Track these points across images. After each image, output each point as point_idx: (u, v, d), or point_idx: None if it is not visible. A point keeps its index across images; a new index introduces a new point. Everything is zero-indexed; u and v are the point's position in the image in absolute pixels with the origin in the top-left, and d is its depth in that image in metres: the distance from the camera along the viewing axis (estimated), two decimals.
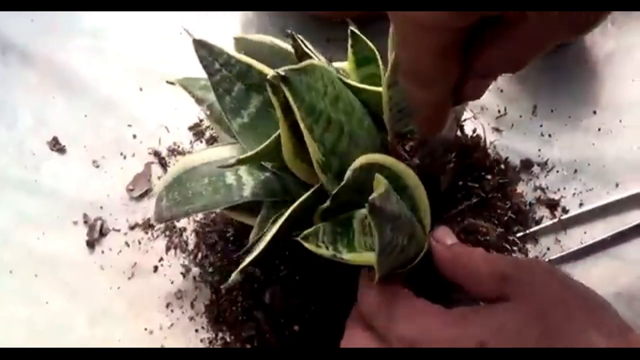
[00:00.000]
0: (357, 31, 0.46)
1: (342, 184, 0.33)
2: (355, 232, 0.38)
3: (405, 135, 0.51)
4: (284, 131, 0.37)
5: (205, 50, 0.45)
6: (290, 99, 0.34)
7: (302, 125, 0.36)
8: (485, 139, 0.54)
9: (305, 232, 0.35)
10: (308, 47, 0.42)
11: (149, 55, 0.63)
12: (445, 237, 0.43)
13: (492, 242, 0.49)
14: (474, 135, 0.54)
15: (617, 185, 0.56)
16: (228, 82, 0.43)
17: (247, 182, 0.45)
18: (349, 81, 0.44)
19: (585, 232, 0.55)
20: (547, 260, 0.54)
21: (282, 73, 0.33)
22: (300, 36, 0.42)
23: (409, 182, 0.39)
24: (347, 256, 0.36)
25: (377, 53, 0.45)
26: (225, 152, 0.50)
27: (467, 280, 0.38)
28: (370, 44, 0.45)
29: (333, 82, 0.40)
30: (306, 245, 0.36)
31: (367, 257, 0.36)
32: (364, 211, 0.36)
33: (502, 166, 0.56)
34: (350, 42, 0.46)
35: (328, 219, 0.38)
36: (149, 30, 0.65)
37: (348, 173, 0.34)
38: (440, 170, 0.48)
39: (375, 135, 0.46)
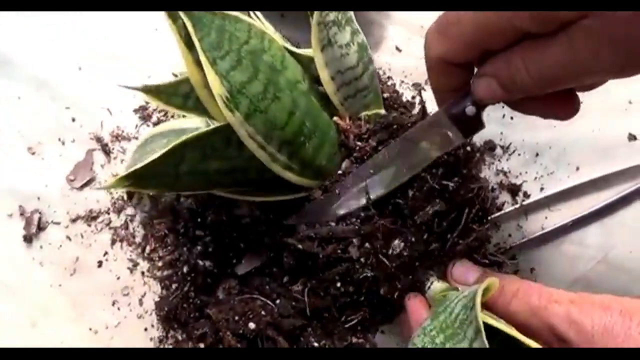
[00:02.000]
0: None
1: None
2: None
3: (359, 119, 0.49)
4: (188, 62, 0.39)
5: None
6: (191, 29, 0.37)
7: (202, 57, 0.37)
8: None
9: None
10: (259, 17, 0.46)
11: (87, 31, 0.58)
12: (466, 275, 0.43)
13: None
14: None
15: (577, 168, 0.55)
16: None
17: None
18: (291, 47, 0.46)
19: (546, 217, 0.54)
20: (508, 247, 0.53)
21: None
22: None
23: None
24: None
25: None
26: (193, 123, 0.50)
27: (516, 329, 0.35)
28: None
29: (263, 40, 0.43)
30: None
31: None
32: None
33: (468, 148, 0.54)
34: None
35: None
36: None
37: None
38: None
39: (318, 108, 0.47)
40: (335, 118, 0.48)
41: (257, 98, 0.40)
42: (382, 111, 0.50)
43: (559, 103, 0.36)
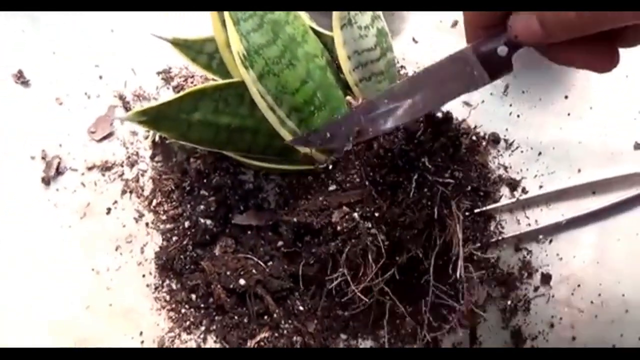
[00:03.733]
0: None
1: None
2: None
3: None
4: (215, 22, 0.43)
5: None
6: None
7: (226, 15, 0.41)
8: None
9: None
10: None
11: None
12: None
13: None
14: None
15: (579, 170, 0.56)
16: None
17: None
18: (315, 27, 0.49)
19: (542, 211, 0.55)
20: (501, 238, 0.54)
21: None
22: None
23: None
24: None
25: None
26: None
27: None
28: None
29: (289, 14, 0.45)
30: None
31: None
32: None
33: (474, 137, 0.55)
34: None
35: None
36: None
37: None
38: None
39: (332, 84, 0.48)
40: (348, 98, 0.50)
41: (272, 61, 0.43)
42: None
43: (598, 53, 0.33)
